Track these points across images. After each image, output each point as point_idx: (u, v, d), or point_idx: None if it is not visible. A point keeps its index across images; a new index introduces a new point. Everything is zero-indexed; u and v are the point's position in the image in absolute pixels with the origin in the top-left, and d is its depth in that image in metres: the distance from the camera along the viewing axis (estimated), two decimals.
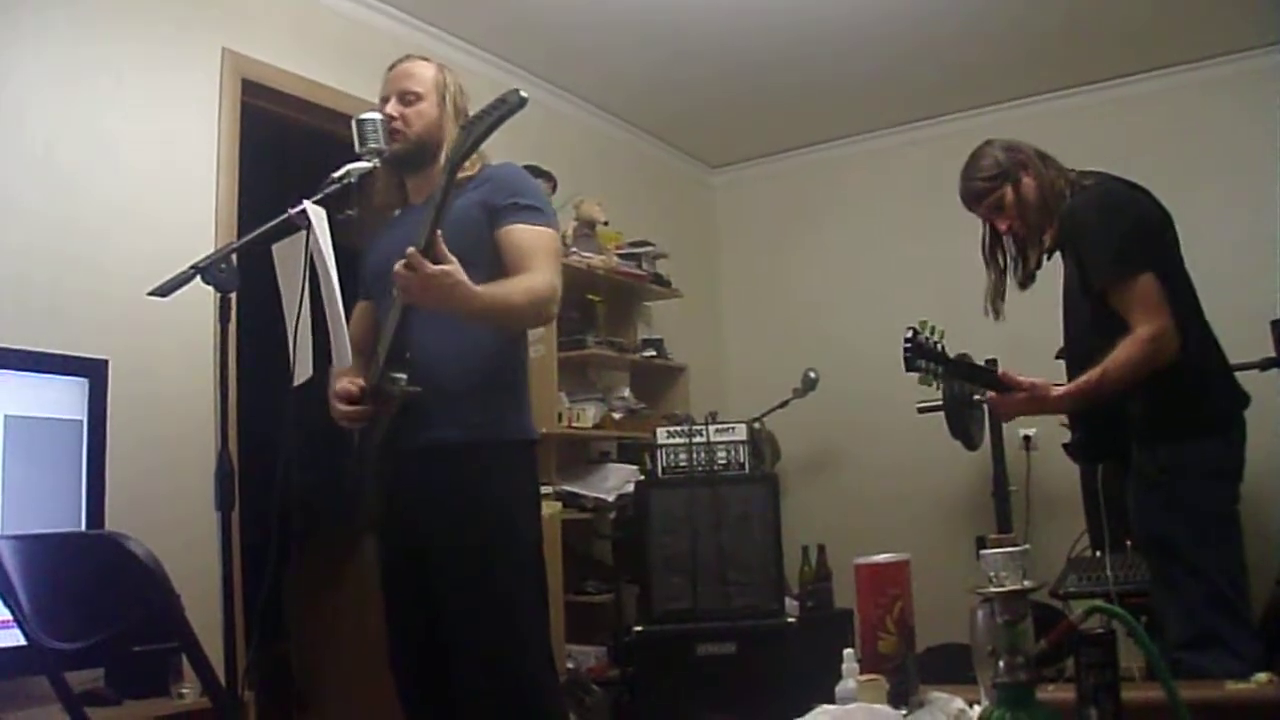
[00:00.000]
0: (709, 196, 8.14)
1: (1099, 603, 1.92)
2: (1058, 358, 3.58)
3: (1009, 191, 3.48)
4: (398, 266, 2.78)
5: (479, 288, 2.85)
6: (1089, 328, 3.33)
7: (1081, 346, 3.37)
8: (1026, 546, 2.04)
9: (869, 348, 6.87)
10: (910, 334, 3.00)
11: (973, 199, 3.60)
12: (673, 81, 6.47)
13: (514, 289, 3.02)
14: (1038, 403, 3.22)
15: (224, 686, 2.42)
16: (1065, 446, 3.69)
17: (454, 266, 2.78)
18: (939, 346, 3.04)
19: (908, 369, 3.01)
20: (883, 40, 6.00)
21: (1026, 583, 1.97)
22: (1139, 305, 3.14)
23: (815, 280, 7.56)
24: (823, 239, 7.59)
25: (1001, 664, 1.91)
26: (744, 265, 7.96)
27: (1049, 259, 3.52)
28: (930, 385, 3.11)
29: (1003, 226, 3.55)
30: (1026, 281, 3.57)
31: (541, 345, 5.06)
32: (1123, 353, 3.11)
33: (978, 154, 3.60)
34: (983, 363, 3.52)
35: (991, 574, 1.97)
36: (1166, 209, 3.41)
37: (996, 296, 3.63)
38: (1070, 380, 3.31)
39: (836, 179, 7.60)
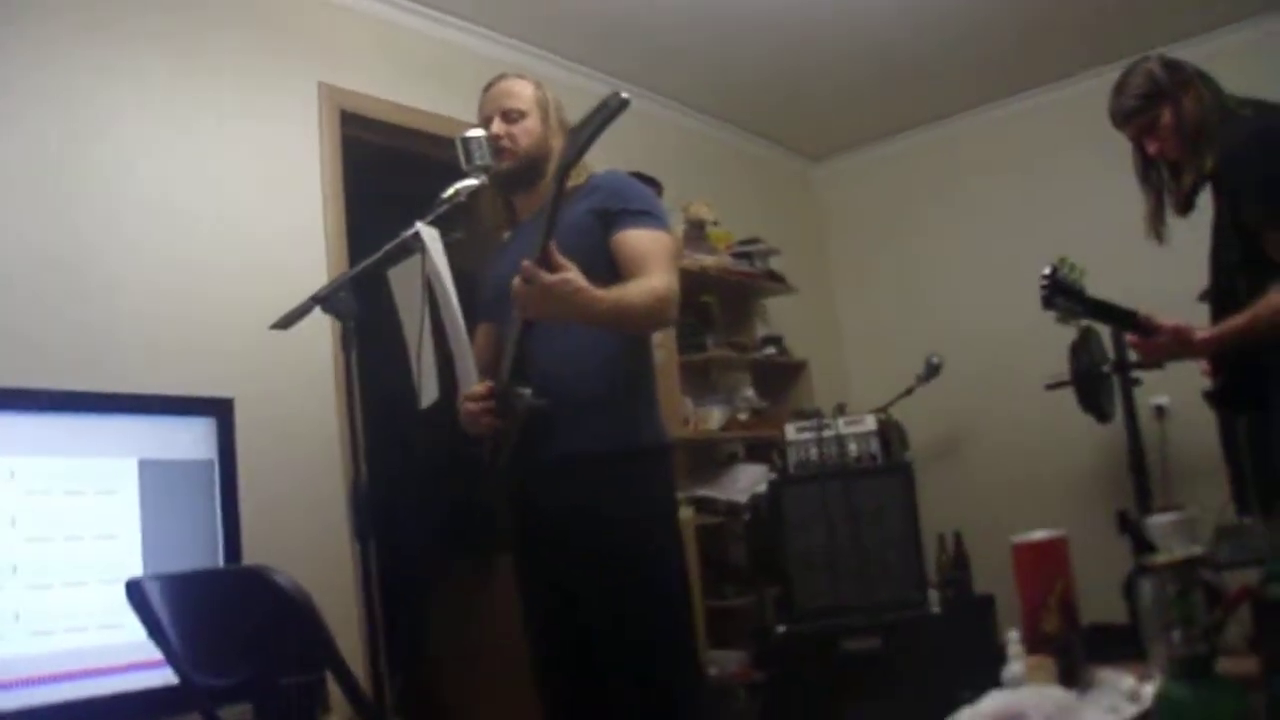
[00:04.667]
0: (813, 189, 8.08)
1: None
2: (1200, 299, 3.43)
3: (1166, 113, 3.29)
4: (515, 283, 2.74)
5: (599, 291, 2.81)
6: (1238, 268, 3.18)
7: (1229, 288, 3.23)
8: (1196, 512, 1.96)
9: (988, 327, 6.82)
10: (1049, 270, 2.90)
11: (1123, 118, 3.41)
12: (766, 76, 6.42)
13: (634, 291, 2.96)
14: (1181, 346, 3.10)
15: (376, 713, 2.40)
16: (1206, 395, 3.54)
17: (572, 273, 2.73)
18: (1078, 285, 2.94)
19: (1045, 307, 2.92)
20: (976, 13, 5.89)
21: (1196, 550, 1.89)
22: None
23: (926, 264, 7.47)
24: (929, 222, 7.49)
25: (1177, 636, 1.83)
26: (854, 254, 7.88)
27: (1203, 189, 3.34)
28: (1068, 324, 3.00)
29: (1152, 149, 3.37)
30: (1185, 208, 3.38)
31: (662, 350, 5.02)
32: (1276, 298, 2.98)
33: (1132, 70, 3.41)
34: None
35: (1159, 542, 1.90)
36: None
37: (1156, 219, 3.45)
38: (1214, 323, 3.20)
39: (937, 160, 7.50)
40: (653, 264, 3.05)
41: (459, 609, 5.39)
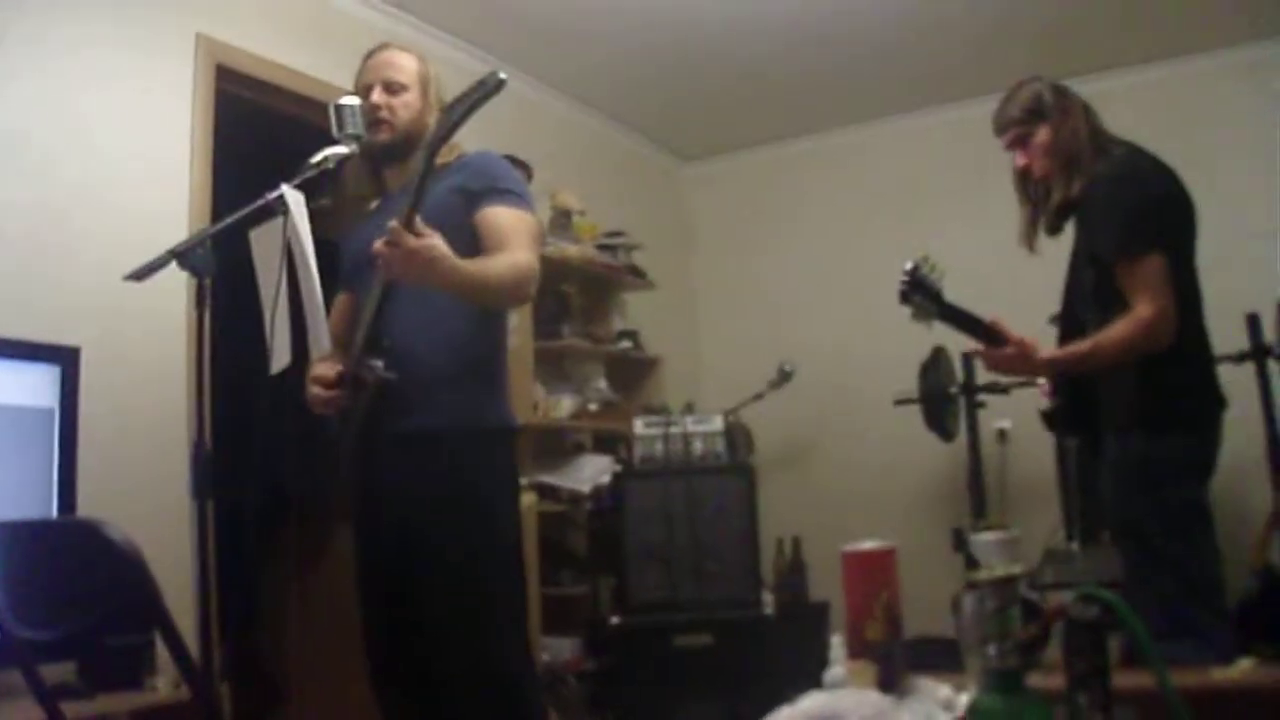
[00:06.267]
0: (681, 189, 8.11)
1: (1093, 587, 1.89)
2: (1051, 322, 3.55)
3: (1043, 131, 3.41)
4: (379, 243, 2.74)
5: (461, 261, 2.83)
6: (1089, 297, 3.30)
7: (1077, 315, 3.35)
8: (1017, 533, 2.02)
9: (843, 340, 6.91)
10: (911, 266, 2.96)
11: (1002, 125, 3.53)
12: (646, 73, 6.44)
13: (496, 264, 3.00)
14: (1023, 361, 3.20)
15: (203, 677, 2.38)
16: (1042, 413, 3.66)
17: (436, 239, 2.75)
18: (937, 285, 3.01)
19: (902, 302, 2.98)
20: (855, 36, 5.99)
21: (1016, 569, 1.95)
22: (1143, 285, 3.11)
23: (788, 273, 7.53)
24: (795, 232, 7.56)
25: (991, 650, 1.89)
26: (717, 257, 7.92)
27: (1071, 215, 3.45)
28: (923, 324, 3.06)
29: (1020, 161, 3.49)
30: (1052, 229, 3.50)
31: (517, 335, 5.02)
32: (1119, 330, 3.10)
33: (1023, 85, 3.53)
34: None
35: (982, 559, 1.95)
36: (1190, 194, 3.36)
37: (1029, 230, 3.57)
38: (1061, 346, 3.30)
39: (808, 173, 7.58)
40: (515, 241, 3.08)
41: (295, 576, 5.34)
